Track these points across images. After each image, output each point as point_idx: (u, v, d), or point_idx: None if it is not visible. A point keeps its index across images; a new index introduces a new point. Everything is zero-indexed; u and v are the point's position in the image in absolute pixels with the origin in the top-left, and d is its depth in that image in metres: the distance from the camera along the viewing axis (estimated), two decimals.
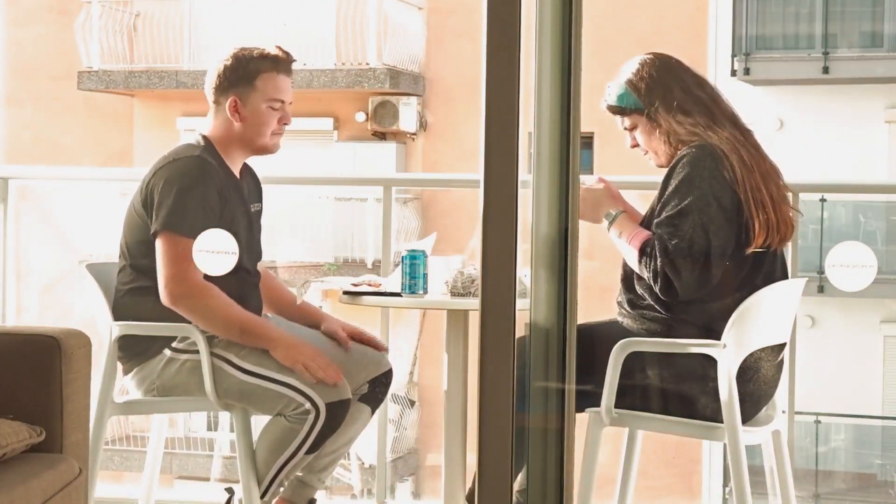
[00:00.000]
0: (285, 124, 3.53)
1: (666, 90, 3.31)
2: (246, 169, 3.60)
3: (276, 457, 3.34)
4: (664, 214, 3.21)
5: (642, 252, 3.21)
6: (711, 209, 3.17)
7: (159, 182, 3.40)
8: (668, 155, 3.32)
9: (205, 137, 3.51)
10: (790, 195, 3.39)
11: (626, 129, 3.40)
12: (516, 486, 2.36)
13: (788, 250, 3.64)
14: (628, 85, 3.34)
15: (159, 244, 3.37)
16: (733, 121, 3.32)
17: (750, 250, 3.21)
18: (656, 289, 3.19)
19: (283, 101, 3.51)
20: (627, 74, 3.36)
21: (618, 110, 3.38)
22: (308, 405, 3.30)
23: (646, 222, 3.30)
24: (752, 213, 3.19)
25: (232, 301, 3.41)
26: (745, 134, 3.31)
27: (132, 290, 3.45)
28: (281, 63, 3.51)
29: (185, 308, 3.37)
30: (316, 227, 12.20)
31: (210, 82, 3.52)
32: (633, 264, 3.26)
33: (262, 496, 3.36)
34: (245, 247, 3.48)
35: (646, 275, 3.21)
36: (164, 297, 3.37)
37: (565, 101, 2.34)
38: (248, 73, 3.48)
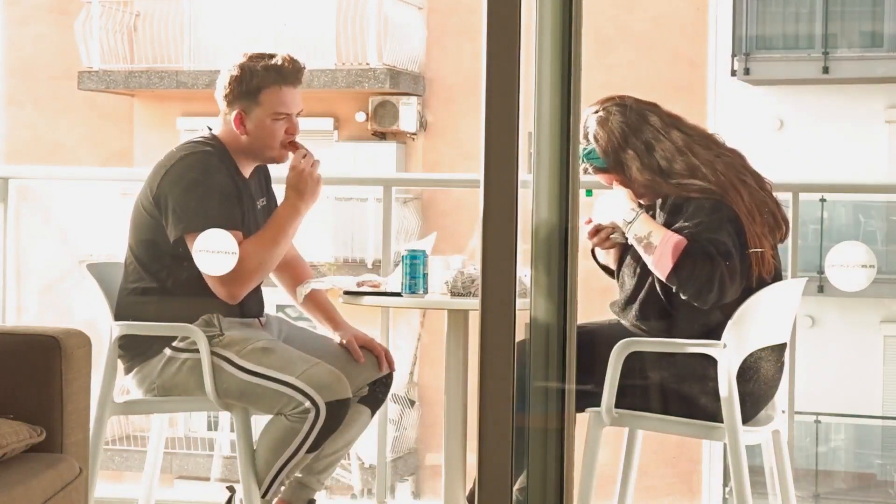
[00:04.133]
0: (292, 134, 3.46)
1: (629, 146, 3.24)
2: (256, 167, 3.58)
3: (276, 456, 3.33)
4: (695, 227, 3.16)
5: (685, 256, 3.13)
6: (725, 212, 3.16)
7: (174, 182, 3.36)
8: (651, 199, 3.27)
9: (214, 136, 3.49)
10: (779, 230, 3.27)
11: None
12: (516, 486, 2.36)
13: (788, 250, 3.64)
14: (593, 140, 3.27)
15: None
16: (707, 144, 3.25)
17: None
18: (701, 294, 3.13)
19: (288, 114, 3.45)
20: (590, 127, 3.28)
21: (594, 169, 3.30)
22: (308, 404, 3.29)
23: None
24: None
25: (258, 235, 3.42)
26: (730, 153, 3.27)
27: (137, 290, 3.44)
28: (287, 75, 3.43)
29: (247, 288, 3.39)
30: (316, 227, 12.20)
31: (219, 89, 3.47)
32: (661, 270, 3.17)
33: (264, 496, 3.35)
34: None
35: (681, 279, 3.15)
36: (224, 297, 3.36)
37: (565, 101, 2.34)
38: (251, 88, 3.41)
